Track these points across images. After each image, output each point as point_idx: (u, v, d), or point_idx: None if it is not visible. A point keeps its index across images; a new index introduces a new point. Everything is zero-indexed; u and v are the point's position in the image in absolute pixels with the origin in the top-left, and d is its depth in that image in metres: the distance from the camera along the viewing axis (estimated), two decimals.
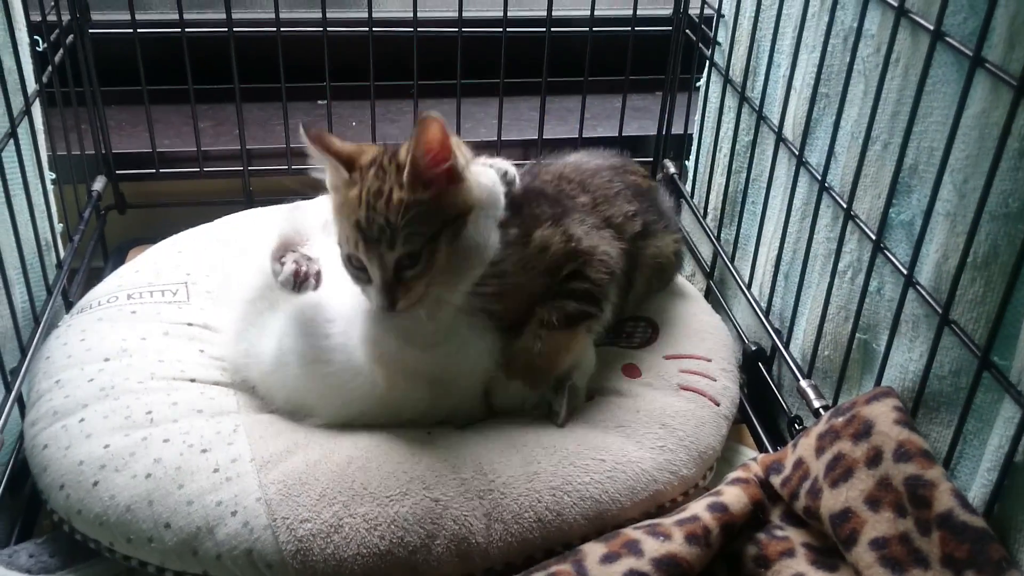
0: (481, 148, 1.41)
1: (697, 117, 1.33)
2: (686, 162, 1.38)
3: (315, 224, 1.00)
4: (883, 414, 0.80)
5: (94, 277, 1.19)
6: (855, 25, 0.89)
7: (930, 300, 0.79)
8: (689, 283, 1.23)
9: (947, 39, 0.75)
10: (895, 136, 0.85)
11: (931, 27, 0.76)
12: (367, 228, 0.85)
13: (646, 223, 1.06)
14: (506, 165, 0.98)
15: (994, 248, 0.73)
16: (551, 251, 0.94)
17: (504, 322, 0.95)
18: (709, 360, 1.06)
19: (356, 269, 0.89)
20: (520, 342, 0.95)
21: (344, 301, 0.94)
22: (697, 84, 1.33)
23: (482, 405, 0.97)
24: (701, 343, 1.08)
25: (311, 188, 0.95)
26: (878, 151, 0.87)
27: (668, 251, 1.11)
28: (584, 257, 0.95)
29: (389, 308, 0.86)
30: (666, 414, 0.96)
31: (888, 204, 0.85)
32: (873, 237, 0.87)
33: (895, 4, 0.82)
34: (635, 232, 1.03)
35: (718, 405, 1.00)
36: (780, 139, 1.05)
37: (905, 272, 0.82)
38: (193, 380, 0.98)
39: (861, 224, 0.89)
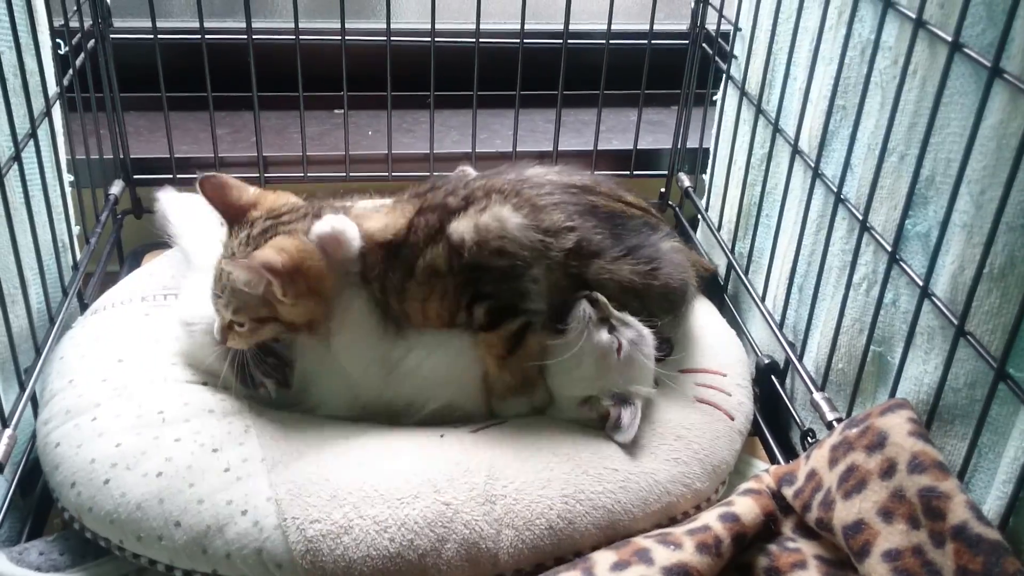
0: (497, 159, 1.44)
1: (714, 130, 1.33)
2: (702, 176, 1.39)
3: None
4: (897, 425, 0.79)
5: (109, 281, 1.19)
6: (872, 37, 0.89)
7: (946, 311, 0.79)
8: (704, 296, 1.22)
9: (965, 50, 0.75)
10: (912, 148, 0.85)
11: (949, 39, 0.76)
12: (214, 284, 0.95)
13: (581, 241, 0.96)
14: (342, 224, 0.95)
15: (1011, 259, 0.73)
16: (440, 273, 0.94)
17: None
18: (724, 375, 1.05)
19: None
20: (488, 374, 0.96)
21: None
22: (714, 98, 1.34)
23: (483, 403, 0.98)
24: (716, 357, 1.08)
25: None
26: (894, 163, 0.87)
27: (622, 277, 0.98)
28: (478, 269, 0.92)
29: (221, 343, 0.96)
30: (681, 426, 0.96)
31: (904, 216, 0.85)
32: (889, 249, 0.87)
33: (913, 16, 0.82)
34: (566, 247, 0.95)
35: (733, 420, 0.99)
36: (796, 151, 1.05)
37: (921, 283, 0.82)
38: (205, 383, 0.98)
39: (877, 236, 0.89)
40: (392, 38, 1.28)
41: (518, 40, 1.30)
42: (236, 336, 0.94)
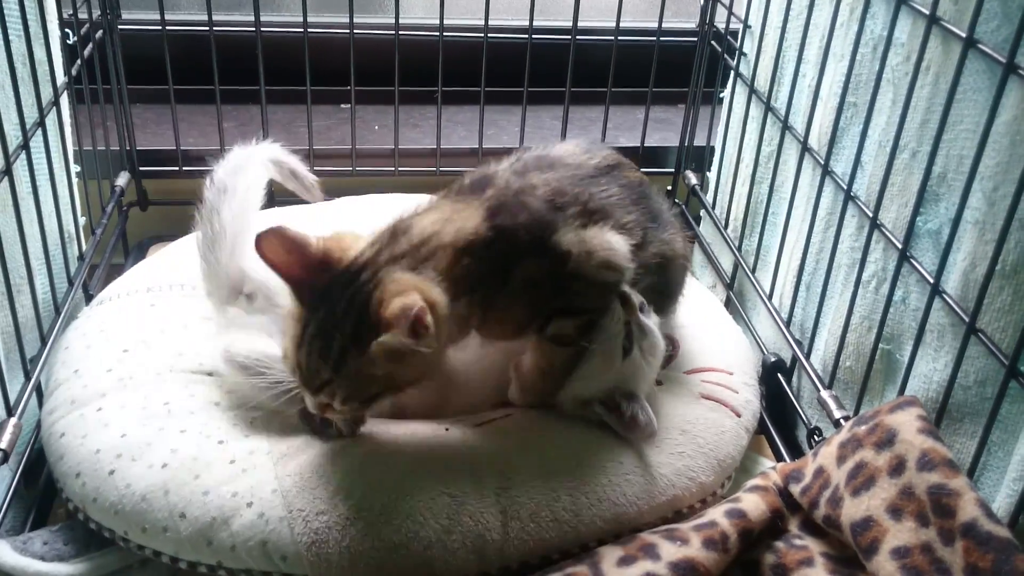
0: (503, 155, 1.44)
1: (720, 128, 1.33)
2: (707, 173, 1.38)
3: None
4: (907, 423, 0.79)
5: (114, 273, 1.19)
6: (885, 34, 0.89)
7: (956, 309, 0.79)
8: (711, 293, 1.22)
9: (979, 46, 0.75)
10: (924, 144, 0.84)
11: (963, 35, 0.76)
12: (305, 372, 0.80)
13: (644, 232, 0.94)
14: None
15: (1023, 256, 0.72)
16: (538, 284, 0.86)
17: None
18: (731, 373, 1.05)
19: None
20: (522, 371, 0.94)
21: None
22: (720, 95, 1.34)
23: (497, 398, 0.97)
24: (723, 356, 1.07)
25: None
26: (906, 160, 0.87)
27: (665, 250, 0.97)
28: (580, 281, 0.87)
29: (320, 414, 0.84)
30: (686, 420, 0.95)
31: (915, 213, 0.84)
32: (899, 246, 0.86)
33: (927, 12, 0.81)
34: (635, 243, 0.92)
35: (739, 416, 0.99)
36: (805, 149, 1.05)
37: (931, 280, 0.82)
38: (211, 374, 0.97)
39: (887, 233, 0.89)
40: (400, 33, 1.28)
41: (526, 36, 1.30)
42: (336, 412, 0.83)
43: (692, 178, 1.42)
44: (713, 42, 1.36)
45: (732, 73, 1.29)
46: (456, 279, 0.81)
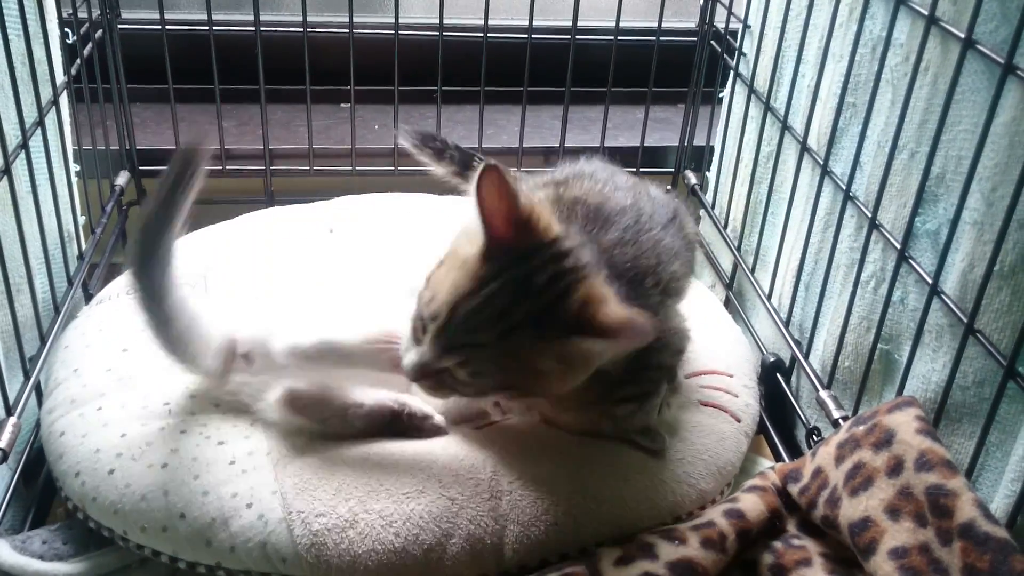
0: (502, 155, 1.44)
1: (720, 128, 1.33)
2: (707, 173, 1.38)
3: None
4: (905, 423, 0.79)
5: (113, 272, 1.19)
6: (883, 34, 0.89)
7: (955, 309, 0.79)
8: (710, 293, 1.22)
9: (978, 47, 0.75)
10: (922, 145, 0.84)
11: (962, 35, 0.76)
12: (454, 325, 0.73)
13: (685, 269, 0.93)
14: None
15: (1021, 257, 0.72)
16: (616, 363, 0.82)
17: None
18: (731, 376, 1.05)
19: (418, 327, 0.77)
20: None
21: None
22: (720, 95, 1.34)
23: None
24: (723, 358, 1.07)
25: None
26: (905, 160, 0.87)
27: (690, 255, 0.98)
28: (656, 370, 0.89)
29: (412, 379, 0.77)
30: (685, 427, 0.95)
31: (914, 213, 0.84)
32: (898, 246, 0.86)
33: (925, 13, 0.81)
34: (678, 288, 0.92)
35: (739, 421, 0.99)
36: (804, 149, 1.05)
37: (930, 281, 0.82)
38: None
39: (886, 233, 0.89)
40: (400, 32, 1.28)
41: (526, 36, 1.30)
42: (448, 388, 0.77)
43: (691, 178, 1.42)
44: (713, 42, 1.36)
45: (732, 73, 1.29)
46: None
